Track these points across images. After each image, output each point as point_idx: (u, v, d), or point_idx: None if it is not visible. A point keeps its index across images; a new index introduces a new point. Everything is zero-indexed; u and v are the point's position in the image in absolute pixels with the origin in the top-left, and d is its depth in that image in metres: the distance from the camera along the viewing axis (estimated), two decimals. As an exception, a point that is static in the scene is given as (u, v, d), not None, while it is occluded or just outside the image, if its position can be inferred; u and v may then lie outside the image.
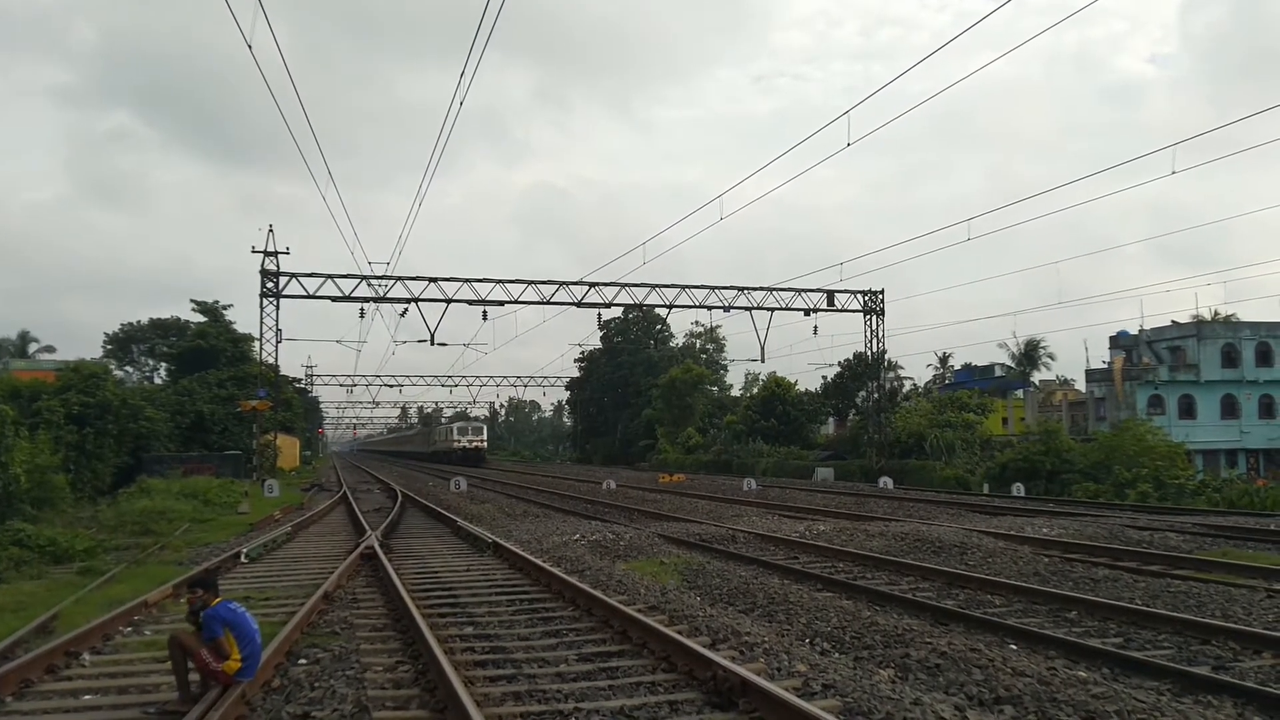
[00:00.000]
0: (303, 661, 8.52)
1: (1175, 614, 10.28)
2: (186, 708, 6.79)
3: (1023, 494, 33.31)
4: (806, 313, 44.80)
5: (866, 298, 46.19)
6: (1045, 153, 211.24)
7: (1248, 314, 63.24)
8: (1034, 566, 14.45)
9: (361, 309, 41.48)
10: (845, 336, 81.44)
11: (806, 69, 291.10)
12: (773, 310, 44.38)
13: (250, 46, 15.62)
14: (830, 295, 45.03)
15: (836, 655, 8.86)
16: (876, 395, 50.34)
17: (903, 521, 21.36)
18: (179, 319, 66.93)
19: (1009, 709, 7.02)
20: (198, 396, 50.42)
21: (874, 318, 46.64)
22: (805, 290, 44.68)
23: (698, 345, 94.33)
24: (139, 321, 71.03)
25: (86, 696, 7.57)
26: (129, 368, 70.49)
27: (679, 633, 8.92)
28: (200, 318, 61.83)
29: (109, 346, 70.27)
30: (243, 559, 15.78)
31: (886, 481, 39.37)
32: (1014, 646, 9.20)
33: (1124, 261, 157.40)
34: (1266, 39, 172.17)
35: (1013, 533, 18.55)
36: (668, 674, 7.89)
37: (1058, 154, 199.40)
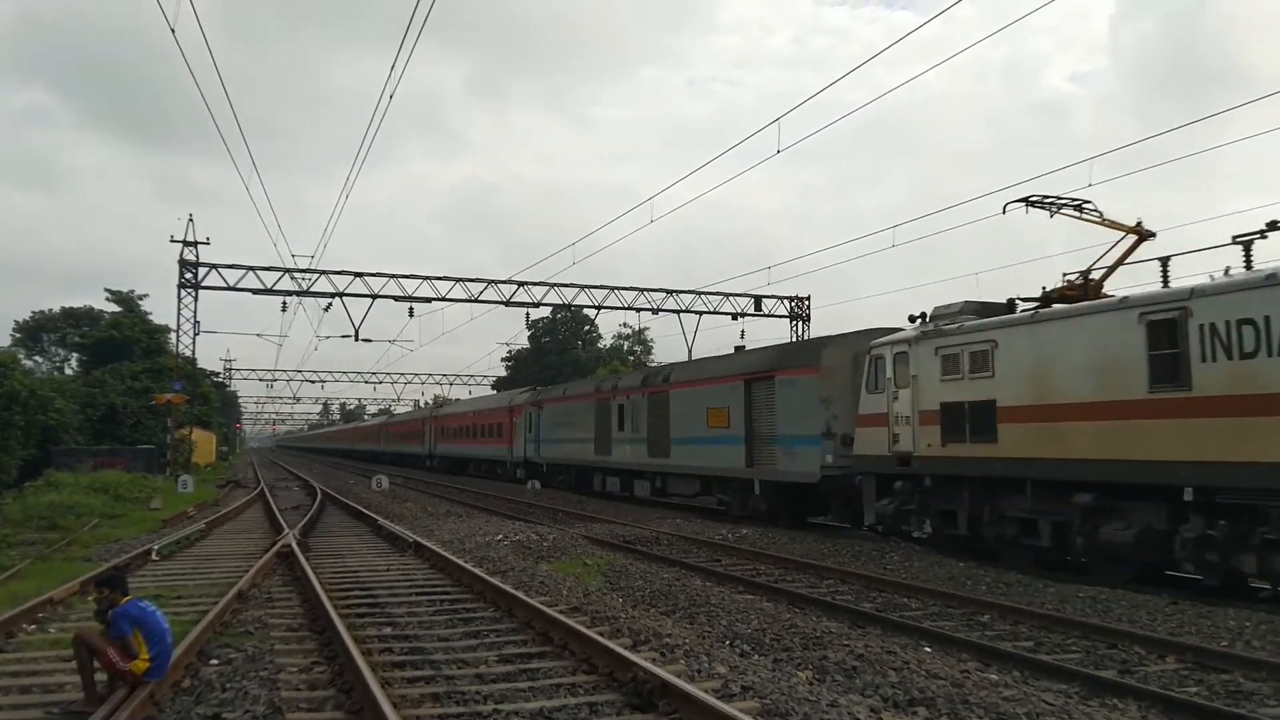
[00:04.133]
0: (214, 661, 8.32)
1: (1084, 619, 10.58)
2: (92, 708, 6.58)
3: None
4: (734, 317, 45.14)
5: (793, 304, 46.61)
6: (972, 163, 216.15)
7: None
8: (949, 571, 14.75)
9: (284, 302, 40.52)
10: (774, 339, 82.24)
11: (739, 74, 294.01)
12: (700, 314, 44.64)
13: (174, 31, 15.18)
14: (758, 300, 45.38)
15: (756, 657, 8.93)
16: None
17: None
18: (92, 308, 64.84)
19: (923, 710, 7.15)
20: (110, 389, 49.00)
21: (800, 324, 47.09)
22: (733, 295, 45.02)
23: (625, 347, 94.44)
24: (50, 310, 68.52)
25: (-15, 697, 7.30)
26: (38, 357, 67.87)
27: (600, 634, 8.91)
28: (115, 307, 60.14)
29: (18, 335, 67.56)
30: (154, 556, 15.36)
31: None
32: (929, 649, 9.38)
33: (1047, 273, 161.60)
34: (1195, 55, 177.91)
35: (930, 538, 18.89)
36: (589, 675, 7.88)
37: (986, 164, 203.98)
